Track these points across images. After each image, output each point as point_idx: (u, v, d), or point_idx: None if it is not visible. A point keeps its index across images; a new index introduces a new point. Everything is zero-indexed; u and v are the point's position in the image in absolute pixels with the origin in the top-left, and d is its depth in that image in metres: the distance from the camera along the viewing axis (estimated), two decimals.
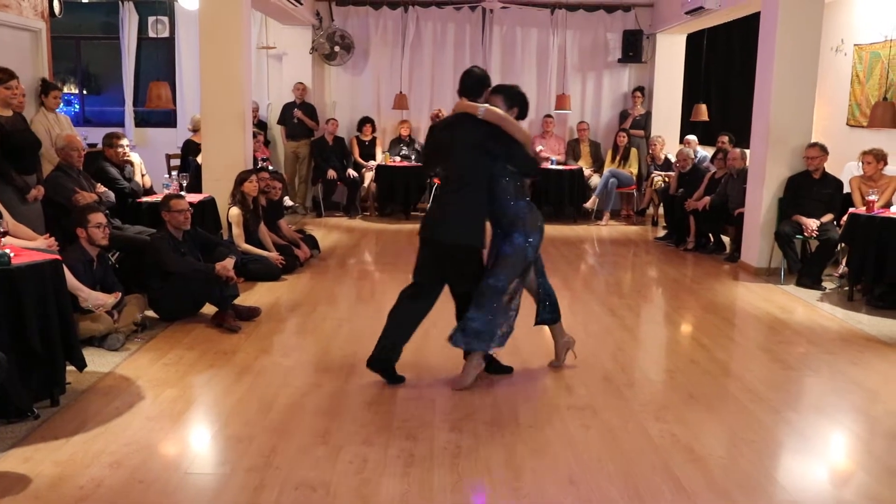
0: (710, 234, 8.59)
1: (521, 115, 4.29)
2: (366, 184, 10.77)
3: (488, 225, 4.27)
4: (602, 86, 11.52)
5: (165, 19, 11.50)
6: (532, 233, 4.22)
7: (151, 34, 11.60)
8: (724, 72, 11.29)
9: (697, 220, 8.53)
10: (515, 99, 4.26)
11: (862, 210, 6.38)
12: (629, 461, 3.42)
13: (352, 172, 10.69)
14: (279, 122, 11.00)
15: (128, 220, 6.51)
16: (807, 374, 4.69)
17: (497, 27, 11.29)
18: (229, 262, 5.50)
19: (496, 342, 4.25)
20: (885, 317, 5.89)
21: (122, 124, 11.35)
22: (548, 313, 4.55)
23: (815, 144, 7.07)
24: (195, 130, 8.84)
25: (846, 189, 7.14)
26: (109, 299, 4.81)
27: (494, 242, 4.31)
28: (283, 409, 3.94)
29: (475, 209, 4.16)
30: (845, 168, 8.12)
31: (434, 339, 5.16)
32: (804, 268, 7.00)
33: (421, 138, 11.40)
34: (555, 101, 11.11)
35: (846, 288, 6.59)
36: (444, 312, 5.84)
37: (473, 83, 4.24)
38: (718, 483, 3.24)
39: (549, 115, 11.15)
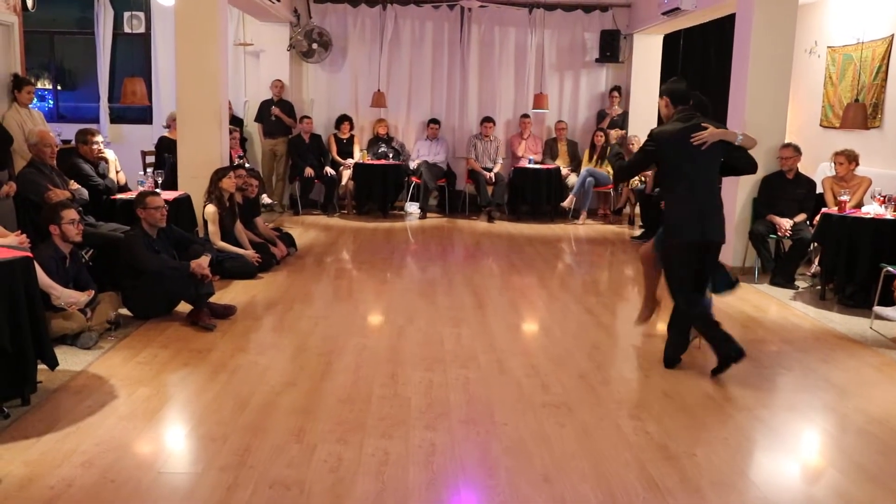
0: None
1: (674, 102, 4.75)
2: (343, 182, 10.75)
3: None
4: (579, 85, 11.57)
5: (141, 14, 11.40)
6: None
7: (127, 30, 11.50)
8: (700, 72, 11.36)
9: None
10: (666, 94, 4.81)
11: (834, 210, 6.46)
12: (603, 459, 3.44)
13: (329, 170, 10.66)
14: (256, 120, 10.94)
15: (102, 217, 6.45)
16: (779, 371, 4.74)
17: (475, 26, 11.31)
18: (204, 260, 5.47)
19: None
20: (856, 315, 5.97)
21: (96, 120, 11.24)
22: None
23: (788, 145, 7.15)
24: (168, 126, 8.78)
25: (819, 189, 7.23)
26: (82, 297, 4.76)
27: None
28: (258, 407, 3.92)
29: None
30: (818, 168, 8.23)
31: (410, 337, 5.17)
32: (777, 267, 7.08)
33: (399, 137, 11.41)
34: (532, 101, 11.15)
35: (818, 287, 6.67)
36: (423, 310, 5.86)
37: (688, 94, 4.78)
38: (691, 480, 3.26)
39: (526, 115, 11.18)
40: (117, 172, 7.36)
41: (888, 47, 7.71)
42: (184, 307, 5.49)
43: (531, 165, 10.62)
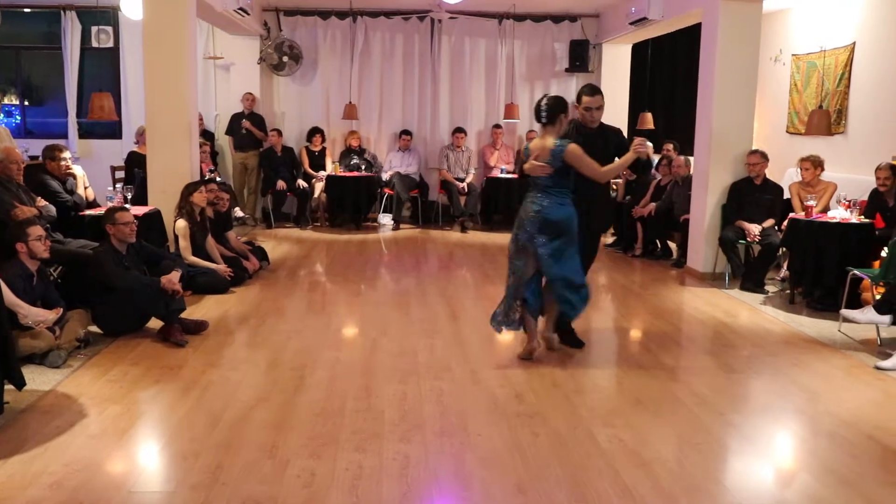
0: (657, 241, 8.73)
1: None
2: (316, 194, 10.72)
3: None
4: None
5: (109, 29, 11.29)
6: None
7: (95, 44, 11.36)
8: (669, 81, 11.51)
9: (645, 226, 8.66)
10: (556, 108, 4.87)
11: (801, 215, 6.55)
12: (577, 467, 3.45)
13: (301, 183, 10.63)
14: (227, 133, 10.88)
15: (70, 233, 6.37)
16: (750, 376, 4.79)
17: (445, 37, 11.36)
18: (175, 276, 5.40)
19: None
20: (825, 319, 6.05)
21: (65, 136, 11.10)
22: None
23: (755, 151, 7.24)
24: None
25: (786, 195, 7.33)
26: (50, 315, 4.69)
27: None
28: (231, 423, 3.88)
29: None
30: (785, 174, 8.35)
31: (383, 349, 5.15)
32: (747, 272, 7.16)
33: (371, 148, 11.41)
34: (503, 111, 11.20)
35: (787, 291, 6.75)
36: (397, 322, 5.85)
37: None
38: (665, 487, 3.28)
39: (497, 125, 11.24)
40: (86, 188, 7.28)
41: (850, 55, 7.86)
42: (155, 323, 5.44)
43: (503, 175, 10.66)
